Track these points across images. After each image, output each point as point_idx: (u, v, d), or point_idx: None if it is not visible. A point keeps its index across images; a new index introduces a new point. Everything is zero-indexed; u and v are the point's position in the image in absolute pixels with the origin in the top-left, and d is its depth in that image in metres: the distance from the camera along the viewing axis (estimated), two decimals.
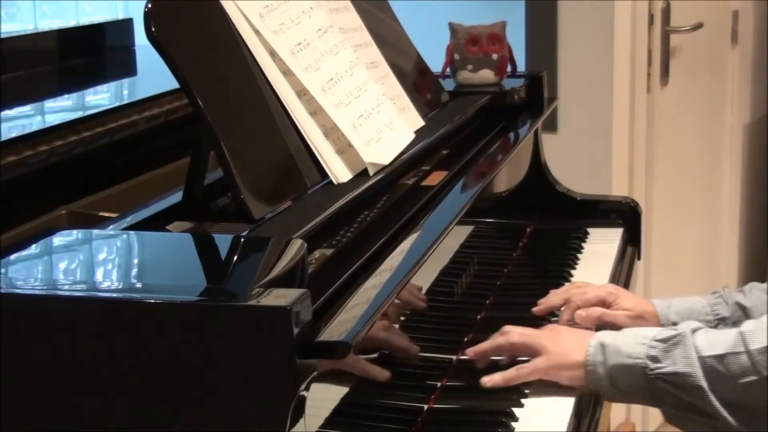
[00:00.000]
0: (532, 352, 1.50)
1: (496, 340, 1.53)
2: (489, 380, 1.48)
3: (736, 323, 1.67)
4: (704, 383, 1.39)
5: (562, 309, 1.73)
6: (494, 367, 1.53)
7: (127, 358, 1.02)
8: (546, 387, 1.51)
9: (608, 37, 2.90)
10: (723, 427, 1.40)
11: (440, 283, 1.59)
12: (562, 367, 1.48)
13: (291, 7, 1.52)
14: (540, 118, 2.18)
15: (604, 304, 1.72)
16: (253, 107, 1.40)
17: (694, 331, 1.44)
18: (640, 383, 1.44)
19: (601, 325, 1.69)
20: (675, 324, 1.67)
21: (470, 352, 1.54)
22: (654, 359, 1.43)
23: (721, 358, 1.40)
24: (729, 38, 3.49)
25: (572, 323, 1.69)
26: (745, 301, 1.69)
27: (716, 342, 1.42)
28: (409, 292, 1.43)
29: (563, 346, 1.49)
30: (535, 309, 1.74)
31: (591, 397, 1.51)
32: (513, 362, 1.52)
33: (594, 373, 1.46)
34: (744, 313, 1.68)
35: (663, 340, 1.44)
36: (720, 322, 1.69)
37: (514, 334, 1.52)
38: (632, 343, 1.45)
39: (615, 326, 1.72)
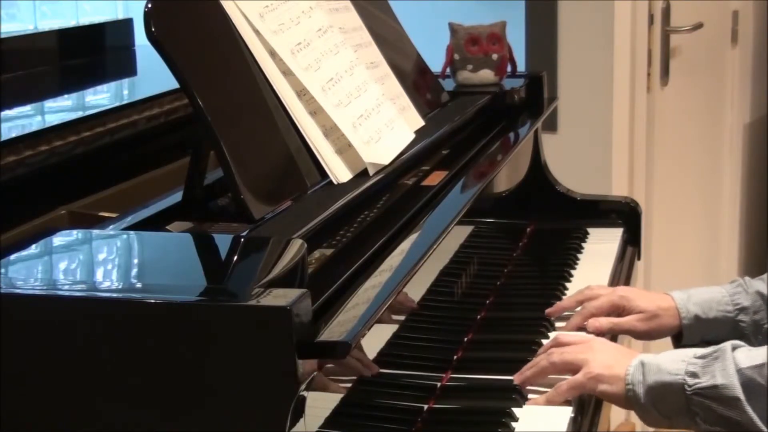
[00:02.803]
0: (575, 369, 1.47)
1: (540, 364, 1.50)
2: (533, 401, 1.46)
3: (756, 312, 1.65)
4: (741, 394, 1.35)
5: (574, 311, 1.73)
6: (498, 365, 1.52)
7: (127, 358, 1.02)
8: (546, 388, 1.51)
9: (608, 37, 2.90)
10: None
11: (440, 283, 1.59)
12: (600, 380, 1.44)
13: (291, 7, 1.52)
14: (540, 118, 2.18)
15: (617, 308, 1.71)
16: (253, 107, 1.40)
17: (735, 347, 1.39)
18: (679, 401, 1.39)
19: (615, 334, 1.69)
20: (696, 316, 1.67)
21: (518, 380, 1.50)
22: (693, 375, 1.38)
23: (760, 367, 1.35)
24: (729, 38, 3.49)
25: (581, 329, 1.69)
26: (765, 289, 1.66)
27: (757, 355, 1.38)
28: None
29: (604, 359, 1.46)
30: (548, 310, 1.74)
31: (591, 398, 1.51)
32: None
33: (633, 393, 1.42)
34: (764, 301, 1.65)
35: (702, 356, 1.40)
36: (740, 311, 1.66)
37: (555, 354, 1.49)
38: (672, 360, 1.41)
39: (629, 333, 1.71)
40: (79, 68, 2.06)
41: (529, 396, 1.48)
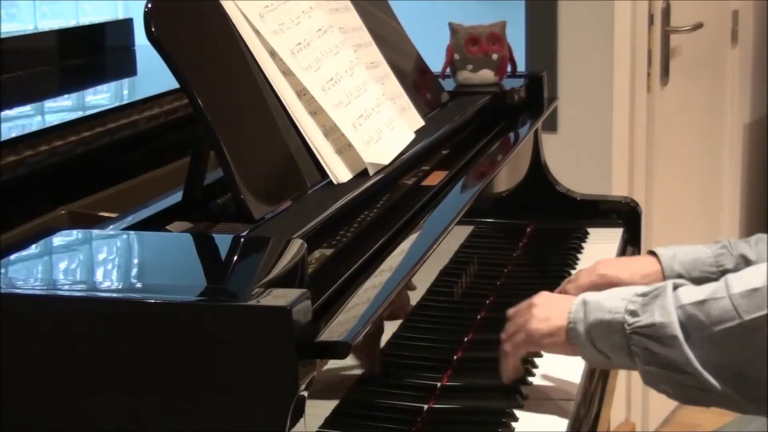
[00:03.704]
0: (524, 336, 1.45)
1: (501, 359, 1.49)
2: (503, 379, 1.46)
3: None
4: (679, 333, 1.30)
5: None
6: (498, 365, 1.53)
7: (127, 358, 1.02)
8: (546, 388, 1.51)
9: (608, 37, 2.90)
10: (695, 384, 1.31)
11: (440, 283, 1.59)
12: (542, 335, 1.42)
13: (291, 7, 1.52)
14: (540, 118, 2.18)
15: (598, 287, 1.70)
16: (253, 107, 1.40)
17: (676, 286, 1.36)
18: (618, 340, 1.36)
19: None
20: (679, 275, 1.63)
21: (505, 381, 1.49)
22: (633, 313, 1.35)
23: (700, 303, 1.31)
24: (729, 38, 3.49)
25: None
26: (750, 253, 1.63)
27: (698, 291, 1.33)
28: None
29: (542, 314, 1.44)
30: None
31: (591, 398, 1.51)
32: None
33: (574, 331, 1.39)
34: (748, 265, 1.58)
35: (643, 294, 1.36)
36: (723, 273, 1.60)
37: (505, 340, 1.48)
38: (613, 298, 1.38)
39: None
40: (79, 68, 2.06)
41: (527, 392, 1.49)
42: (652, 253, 1.71)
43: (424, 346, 1.51)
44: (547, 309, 1.45)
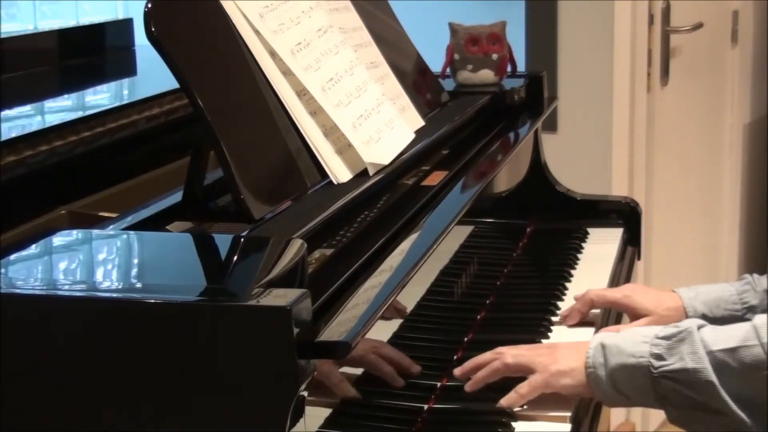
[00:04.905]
0: (528, 371, 1.44)
1: (492, 365, 1.46)
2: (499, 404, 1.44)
3: (764, 311, 1.64)
4: (714, 378, 1.33)
5: (575, 298, 1.74)
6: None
7: (127, 358, 1.02)
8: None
9: (608, 37, 2.90)
10: (731, 425, 1.34)
11: (440, 283, 1.59)
12: (559, 375, 1.42)
13: (291, 7, 1.52)
14: (540, 118, 2.18)
15: (620, 306, 1.72)
16: (253, 107, 1.40)
17: (699, 327, 1.38)
18: (644, 384, 1.38)
19: None
20: (703, 315, 1.64)
21: (469, 386, 1.47)
22: (658, 357, 1.36)
23: (732, 351, 1.34)
24: (729, 38, 3.49)
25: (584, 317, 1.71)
26: None
27: (726, 336, 1.36)
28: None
29: (559, 356, 1.44)
30: (567, 323, 1.72)
31: (591, 400, 1.51)
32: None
33: (594, 375, 1.40)
34: None
35: (666, 337, 1.38)
36: (748, 310, 1.64)
37: (508, 355, 1.46)
38: (634, 342, 1.39)
39: None
40: (79, 68, 2.06)
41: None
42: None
43: (424, 346, 1.51)
44: (564, 352, 1.45)
